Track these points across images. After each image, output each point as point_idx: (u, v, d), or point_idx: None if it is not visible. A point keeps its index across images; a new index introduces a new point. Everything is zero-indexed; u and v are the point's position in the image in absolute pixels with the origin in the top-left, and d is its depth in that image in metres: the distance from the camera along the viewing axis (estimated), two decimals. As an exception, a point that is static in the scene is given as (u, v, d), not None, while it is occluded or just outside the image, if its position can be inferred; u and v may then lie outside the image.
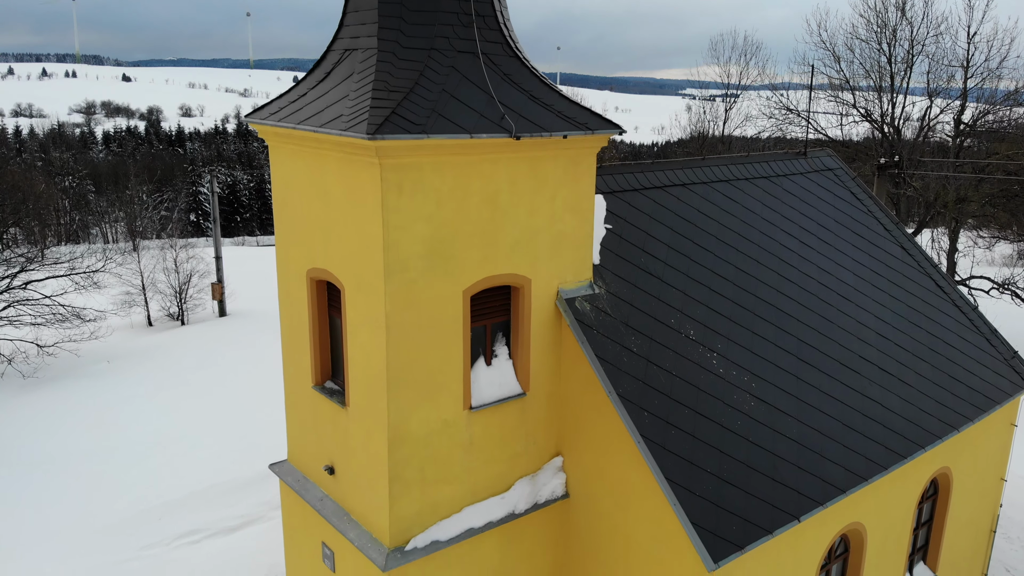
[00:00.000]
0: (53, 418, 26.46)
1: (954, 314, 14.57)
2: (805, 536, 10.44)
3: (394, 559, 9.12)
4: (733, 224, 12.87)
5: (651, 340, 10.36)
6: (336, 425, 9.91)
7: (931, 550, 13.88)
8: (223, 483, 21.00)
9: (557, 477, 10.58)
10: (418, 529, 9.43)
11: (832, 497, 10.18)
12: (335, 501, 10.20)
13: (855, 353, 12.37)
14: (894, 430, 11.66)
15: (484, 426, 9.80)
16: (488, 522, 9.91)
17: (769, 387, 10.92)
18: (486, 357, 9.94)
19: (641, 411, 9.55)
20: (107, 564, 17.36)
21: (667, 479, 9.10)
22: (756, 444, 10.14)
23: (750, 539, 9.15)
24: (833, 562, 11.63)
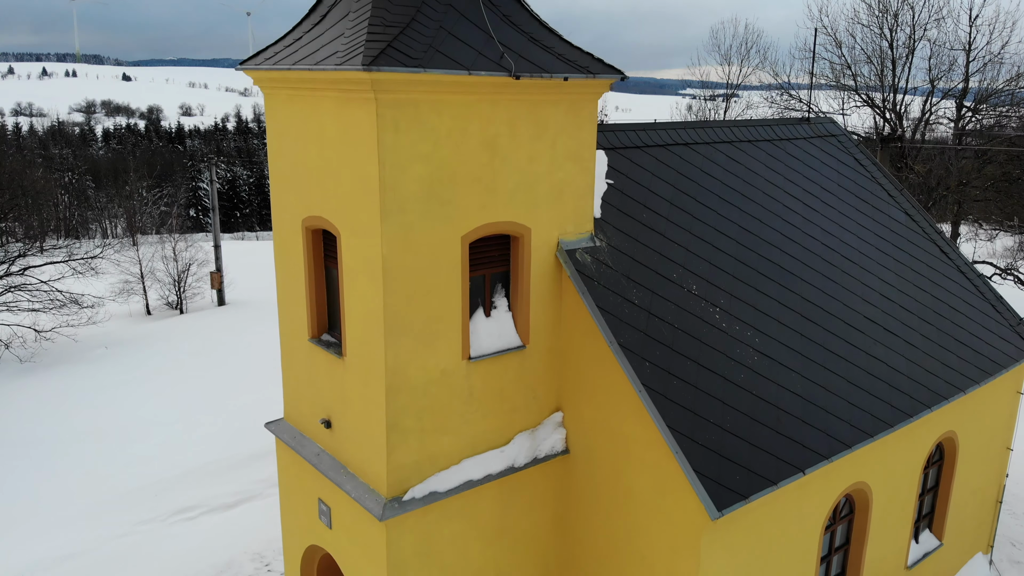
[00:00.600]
0: (50, 401, 26.31)
1: (959, 280, 14.40)
2: (810, 492, 10.27)
3: (391, 509, 8.95)
4: (736, 184, 12.70)
5: (653, 293, 10.19)
6: (333, 377, 9.73)
7: (937, 517, 13.71)
8: (220, 460, 20.84)
9: (557, 432, 10.41)
10: (416, 480, 9.26)
11: (837, 452, 10.01)
12: (332, 456, 10.02)
13: (859, 313, 12.19)
14: (900, 389, 11.49)
15: (483, 377, 9.62)
16: (487, 474, 9.74)
17: (773, 343, 10.75)
18: (485, 308, 9.77)
19: (642, 361, 9.38)
20: (101, 539, 17.19)
21: (669, 427, 8.93)
22: (760, 397, 9.97)
23: (754, 489, 8.98)
24: (838, 523, 11.45)
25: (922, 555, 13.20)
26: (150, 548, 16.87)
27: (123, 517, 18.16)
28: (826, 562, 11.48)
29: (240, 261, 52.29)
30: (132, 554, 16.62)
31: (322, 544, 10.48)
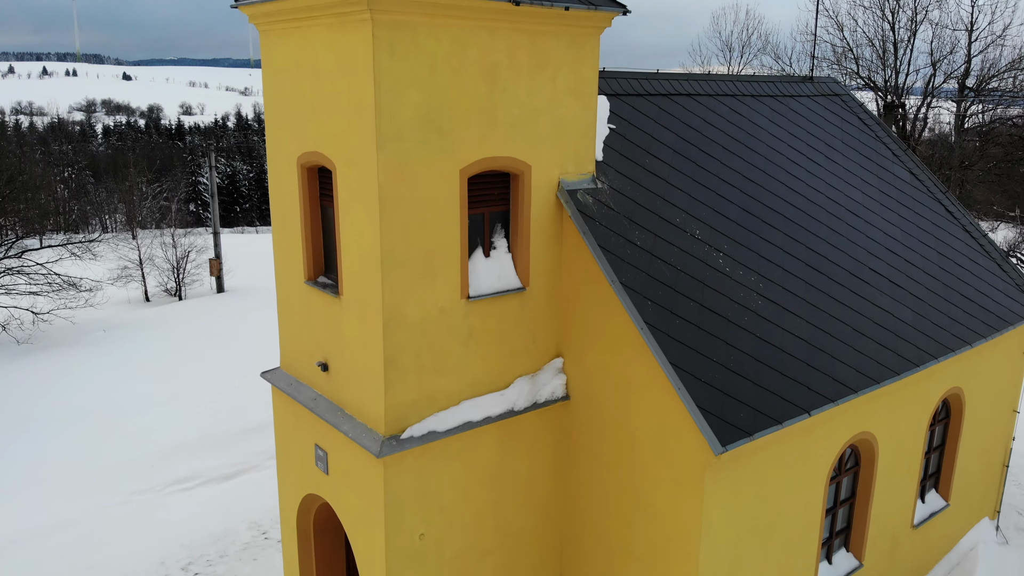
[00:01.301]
0: (47, 380, 26.15)
1: (964, 238, 14.22)
2: (815, 439, 10.08)
3: (389, 447, 8.77)
4: (739, 136, 12.52)
5: (655, 236, 10.01)
6: (329, 318, 9.56)
7: (943, 478, 13.52)
8: (217, 433, 20.68)
9: (557, 378, 10.22)
10: (414, 419, 9.07)
11: (843, 396, 9.83)
12: (329, 399, 9.84)
13: (865, 265, 12.01)
14: (906, 339, 11.31)
15: (482, 318, 9.44)
16: (486, 417, 9.55)
17: (777, 289, 10.57)
18: (484, 248, 9.59)
19: (645, 300, 9.20)
20: (97, 508, 17.03)
21: (672, 364, 8.75)
22: (764, 340, 9.79)
23: (758, 427, 8.80)
24: (844, 475, 11.27)
25: (928, 514, 13.02)
26: (146, 517, 16.70)
27: (118, 487, 17.99)
28: (831, 515, 11.30)
29: (239, 252, 52.11)
30: (127, 522, 16.45)
31: (319, 492, 10.30)
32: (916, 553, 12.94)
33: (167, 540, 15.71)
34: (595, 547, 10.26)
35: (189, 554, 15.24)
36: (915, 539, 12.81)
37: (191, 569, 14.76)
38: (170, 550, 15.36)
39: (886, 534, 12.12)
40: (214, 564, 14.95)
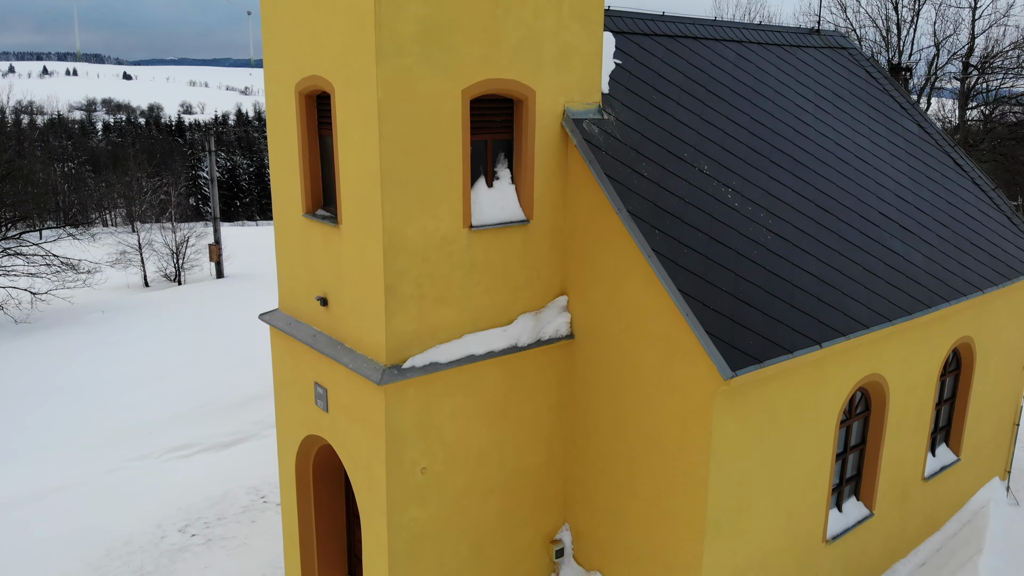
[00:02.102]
0: (46, 356, 25.95)
1: (973, 191, 13.99)
2: (826, 375, 9.85)
3: (390, 375, 8.54)
4: (746, 80, 12.29)
5: (663, 168, 9.78)
6: (328, 250, 9.33)
7: (954, 432, 13.29)
8: (216, 403, 20.46)
9: (561, 316, 9.99)
10: (416, 349, 8.84)
11: (854, 331, 9.59)
12: (328, 335, 9.61)
13: (874, 209, 11.79)
14: (917, 281, 11.08)
15: (485, 250, 9.21)
16: (489, 351, 9.32)
17: (787, 226, 10.34)
18: (487, 178, 9.36)
19: (652, 229, 8.97)
20: (93, 473, 16.81)
21: (680, 291, 8.52)
22: (774, 273, 9.56)
23: (768, 355, 8.57)
24: (854, 418, 11.04)
25: (939, 468, 12.79)
26: (142, 482, 16.47)
27: (115, 453, 17.77)
28: (842, 460, 11.07)
29: (239, 243, 51.94)
30: (124, 487, 16.22)
31: (318, 431, 10.07)
32: (927, 507, 12.71)
33: (164, 504, 15.47)
34: (600, 486, 10.03)
35: (186, 517, 15.01)
36: (926, 492, 12.58)
37: (188, 531, 14.53)
38: (167, 513, 15.12)
39: (897, 485, 11.89)
40: (212, 526, 14.72)
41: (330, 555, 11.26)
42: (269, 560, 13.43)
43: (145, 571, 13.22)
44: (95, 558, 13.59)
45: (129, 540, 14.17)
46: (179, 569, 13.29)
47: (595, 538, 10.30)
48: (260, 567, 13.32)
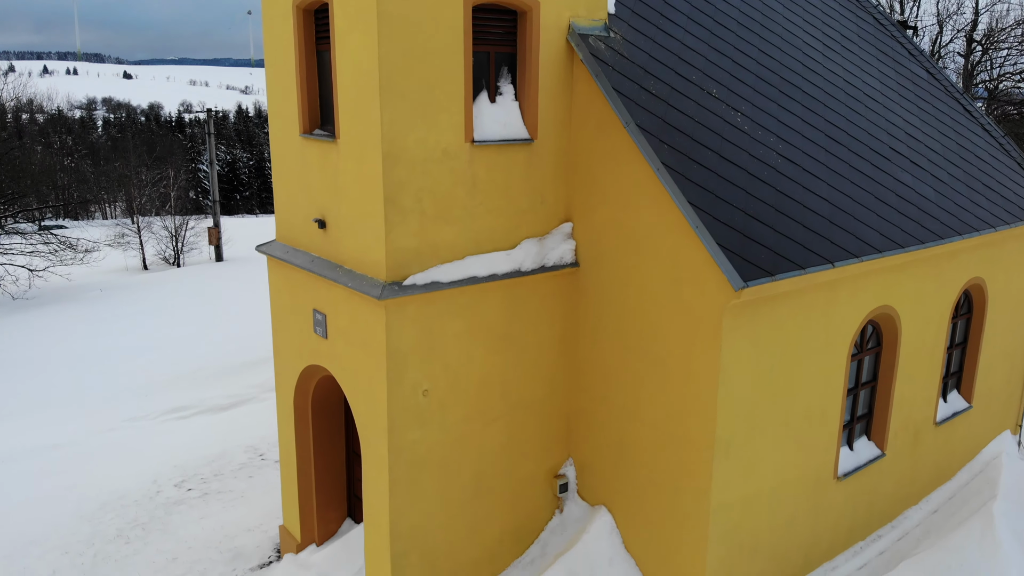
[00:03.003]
0: (44, 330, 25.77)
1: (983, 136, 13.75)
2: (837, 302, 9.60)
3: (391, 291, 8.28)
4: (755, 16, 12.04)
5: (670, 88, 9.53)
6: (325, 168, 9.08)
7: (965, 378, 13.03)
8: (215, 367, 20.24)
9: (566, 243, 9.74)
10: (417, 268, 8.59)
11: (867, 254, 9.34)
12: (327, 259, 9.36)
13: (885, 144, 11.54)
14: (929, 214, 10.84)
15: (487, 168, 8.96)
16: (492, 274, 9.07)
17: (797, 152, 10.09)
18: (490, 93, 9.11)
19: (661, 143, 8.72)
20: (90, 432, 16.58)
21: (690, 204, 8.27)
22: (785, 194, 9.31)
23: (780, 269, 8.32)
24: (865, 352, 10.78)
25: (951, 413, 12.53)
26: (139, 441, 16.22)
27: (111, 414, 17.55)
28: (853, 396, 10.81)
29: (239, 232, 51.73)
30: (119, 446, 15.98)
31: (317, 360, 9.82)
32: (939, 453, 12.45)
33: (160, 462, 15.21)
34: (605, 417, 9.77)
35: (182, 473, 14.74)
36: (938, 438, 12.32)
37: (184, 486, 14.26)
38: (162, 470, 14.85)
39: (909, 427, 11.63)
40: (208, 481, 14.45)
41: (329, 494, 11.01)
42: (266, 511, 13.18)
43: (139, 523, 12.97)
44: (89, 511, 13.33)
45: (124, 495, 13.91)
46: (174, 521, 13.04)
47: (599, 472, 10.04)
48: (257, 517, 13.06)
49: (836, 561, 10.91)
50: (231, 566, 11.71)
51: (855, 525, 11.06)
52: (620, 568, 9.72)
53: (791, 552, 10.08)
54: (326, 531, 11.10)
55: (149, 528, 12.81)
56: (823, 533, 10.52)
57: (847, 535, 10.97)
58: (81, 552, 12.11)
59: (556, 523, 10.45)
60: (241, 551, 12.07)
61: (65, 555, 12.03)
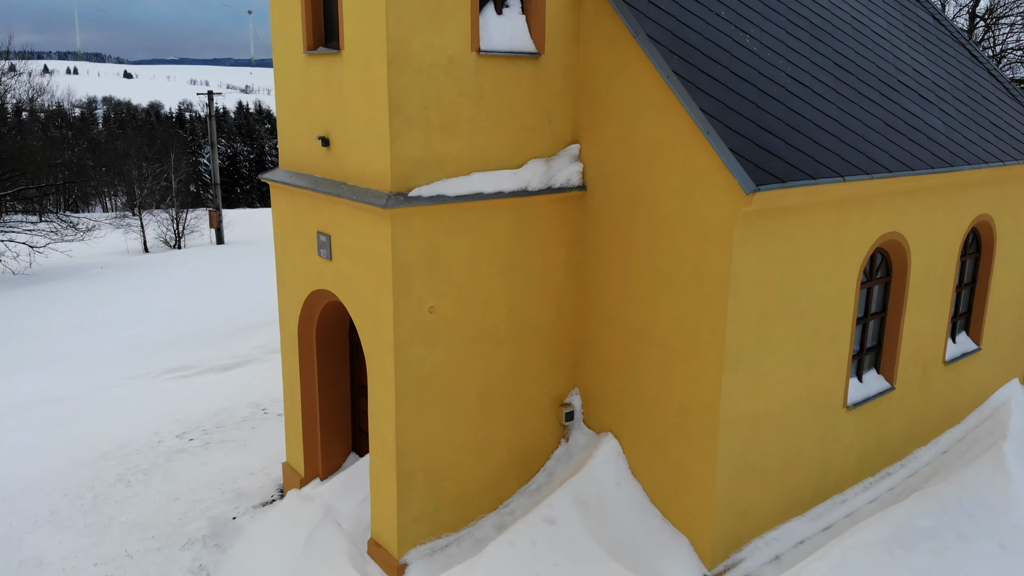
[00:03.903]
0: (45, 302, 25.71)
1: (991, 80, 13.65)
2: (848, 221, 9.50)
3: (396, 200, 8.18)
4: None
5: (678, 5, 9.43)
6: (330, 82, 8.98)
7: (974, 320, 12.92)
8: (216, 328, 20.13)
9: (573, 165, 9.64)
10: (422, 180, 8.48)
11: (877, 172, 9.24)
12: (331, 179, 9.26)
13: (893, 77, 11.44)
14: (938, 142, 10.74)
15: (494, 81, 8.86)
16: (498, 191, 8.97)
17: (806, 75, 9.99)
18: (496, 5, 9.01)
19: (671, 53, 8.62)
20: (89, 388, 16.49)
21: (702, 111, 8.16)
22: (795, 111, 9.21)
23: (792, 178, 8.22)
24: (875, 282, 10.67)
25: (960, 353, 12.43)
26: (139, 397, 16.11)
27: (112, 372, 17.45)
28: (863, 326, 10.70)
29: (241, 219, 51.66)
30: (121, 401, 15.87)
31: (321, 285, 9.71)
32: (948, 394, 12.34)
33: (162, 415, 15.09)
34: (612, 339, 9.65)
35: (184, 426, 14.62)
36: (947, 377, 12.21)
37: (186, 436, 14.15)
38: (164, 423, 14.73)
39: (918, 363, 11.52)
40: (210, 432, 14.33)
41: (334, 427, 10.91)
42: (269, 457, 13.07)
43: (141, 468, 12.86)
44: (89, 459, 13.21)
45: (125, 444, 13.80)
46: (175, 466, 12.92)
47: (606, 400, 9.93)
48: (260, 462, 12.95)
49: (846, 494, 10.80)
50: (233, 504, 11.60)
51: (864, 459, 10.95)
52: (627, 492, 9.61)
53: (801, 480, 9.98)
54: (330, 465, 11.00)
55: (150, 473, 12.70)
56: (832, 464, 10.41)
57: (856, 469, 10.86)
58: (81, 495, 12.00)
59: (562, 452, 10.35)
60: (243, 491, 11.97)
61: (64, 497, 11.93)
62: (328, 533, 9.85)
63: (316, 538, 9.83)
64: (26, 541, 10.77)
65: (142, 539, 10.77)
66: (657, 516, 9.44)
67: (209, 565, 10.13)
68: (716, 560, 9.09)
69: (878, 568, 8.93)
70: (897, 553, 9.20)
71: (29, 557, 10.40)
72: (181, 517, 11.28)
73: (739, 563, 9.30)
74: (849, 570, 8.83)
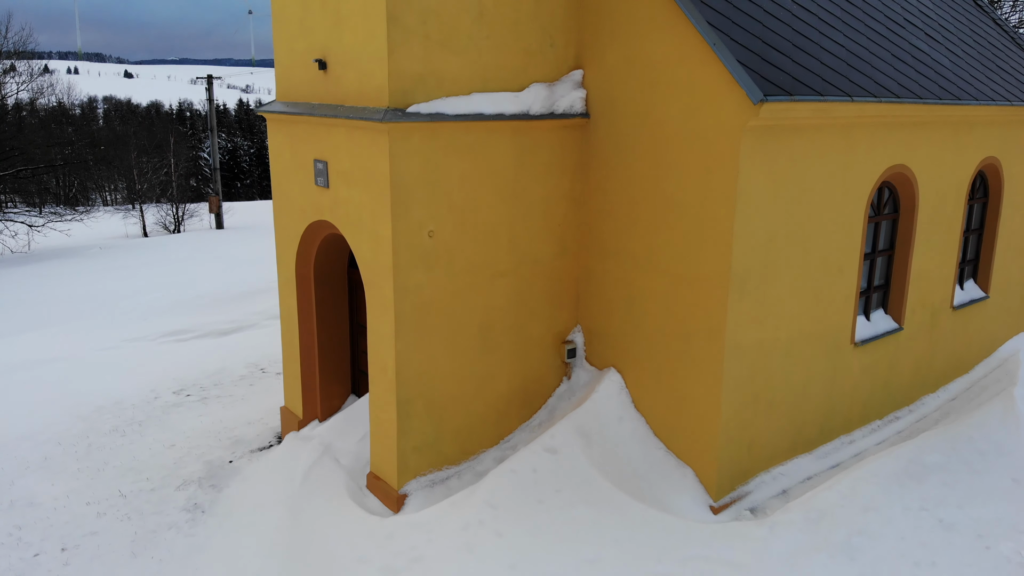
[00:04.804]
0: (45, 277, 25.55)
1: (996, 30, 13.49)
2: (856, 147, 9.32)
3: (393, 115, 7.99)
4: None
5: (681, -71, 9.24)
6: (327, 4, 8.80)
7: (982, 268, 12.73)
8: (215, 294, 19.94)
9: (576, 91, 9.45)
10: (421, 97, 8.30)
11: (885, 96, 9.05)
12: (328, 103, 9.08)
13: (899, 14, 11.27)
14: (945, 77, 10.57)
15: (495, 1, 8.69)
16: (499, 112, 8.78)
17: (813, 4, 9.81)
18: (496, -74, 8.83)
19: (673, -29, 8.43)
20: (86, 349, 16.29)
21: (709, 24, 7.98)
22: (802, 34, 9.04)
23: (799, 92, 8.03)
24: (883, 217, 10.49)
25: (968, 300, 12.24)
26: (136, 359, 15.90)
27: (109, 334, 17.25)
28: (870, 261, 10.52)
29: (241, 208, 51.51)
30: (116, 362, 15.65)
31: (318, 215, 9.52)
32: (956, 340, 12.14)
33: (159, 374, 14.90)
34: (615, 274, 9.46)
35: (181, 384, 14.44)
36: (955, 323, 12.02)
37: (183, 393, 13.96)
38: (161, 381, 14.54)
39: (926, 306, 11.33)
40: (207, 389, 14.15)
41: (333, 367, 10.72)
42: (267, 409, 12.89)
43: (136, 420, 12.67)
44: (85, 412, 13.03)
45: (120, 400, 13.61)
46: (172, 419, 12.74)
47: (608, 335, 9.75)
48: (258, 413, 12.77)
49: (854, 435, 10.61)
50: (230, 450, 11.42)
51: (872, 401, 10.77)
52: (630, 425, 9.42)
53: (808, 416, 9.79)
54: (330, 407, 10.81)
55: (146, 424, 12.52)
56: (840, 403, 10.22)
57: (864, 410, 10.67)
58: (75, 444, 11.82)
59: (564, 389, 10.16)
60: (241, 438, 11.79)
61: (58, 446, 11.74)
62: (326, 469, 9.66)
63: (314, 474, 9.64)
64: (17, 484, 10.59)
65: (136, 481, 10.59)
66: (661, 448, 9.25)
67: (204, 503, 9.95)
68: (722, 492, 8.90)
69: (888, 498, 8.74)
70: (908, 484, 9.01)
71: (20, 498, 10.22)
72: (176, 461, 11.11)
73: (745, 496, 9.12)
74: (859, 499, 8.65)
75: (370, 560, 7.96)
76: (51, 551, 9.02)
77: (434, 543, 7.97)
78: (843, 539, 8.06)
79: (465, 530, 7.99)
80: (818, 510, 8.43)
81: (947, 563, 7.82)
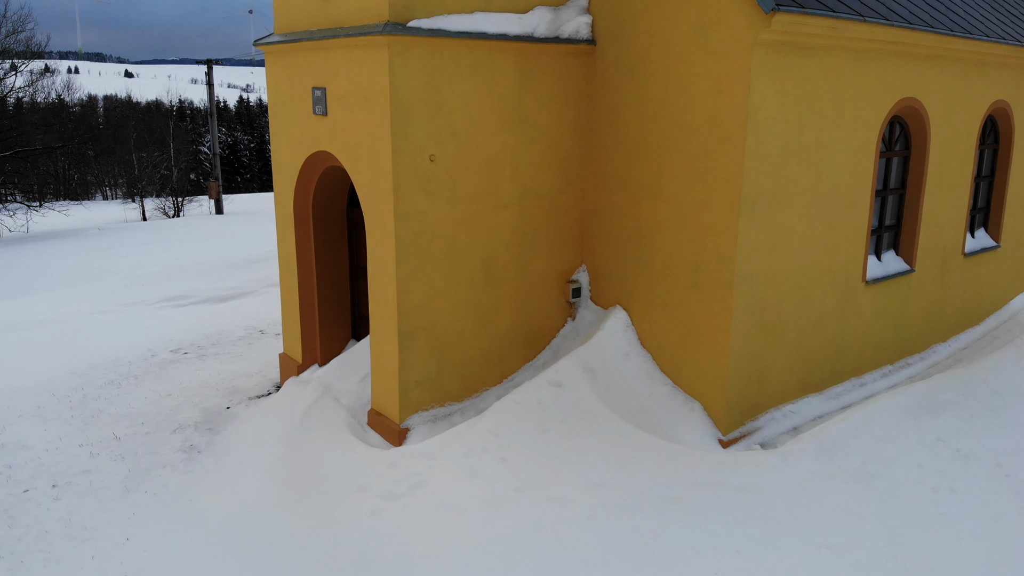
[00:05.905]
0: (43, 255, 25.32)
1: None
2: (867, 75, 9.09)
3: (393, 27, 7.76)
4: None
5: None
6: (326, -77, 8.58)
7: (992, 216, 12.50)
8: (213, 262, 19.71)
9: (582, 17, 9.21)
10: (422, 13, 8.06)
11: (895, 21, 8.81)
12: (327, 28, 8.85)
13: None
14: (957, 12, 10.34)
15: (497, -80, 8.46)
16: (502, 32, 8.54)
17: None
18: None
19: None
20: (82, 312, 16.05)
21: (713, -64, 7.75)
22: (811, -45, 8.79)
23: (811, 6, 7.79)
24: (894, 153, 10.25)
25: (979, 248, 12.01)
26: (133, 322, 15.65)
27: (106, 298, 17.02)
28: (882, 198, 10.28)
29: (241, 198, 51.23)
30: (113, 325, 15.41)
31: (316, 145, 9.28)
32: (967, 288, 11.90)
33: (156, 336, 14.66)
34: (622, 207, 9.22)
35: (179, 344, 14.20)
36: (966, 271, 11.78)
37: (180, 351, 13.72)
38: (159, 341, 14.30)
39: (937, 250, 11.10)
40: (205, 348, 13.91)
41: (332, 310, 10.48)
42: (264, 363, 12.67)
43: (132, 375, 12.44)
44: (80, 369, 12.79)
45: (116, 358, 13.37)
46: (169, 373, 12.50)
47: (614, 273, 9.51)
48: (256, 367, 12.55)
49: (864, 378, 10.38)
50: (227, 399, 11.18)
51: (883, 345, 10.53)
52: (635, 362, 9.19)
53: (818, 354, 9.55)
54: (329, 352, 10.58)
55: (142, 379, 12.28)
56: (851, 343, 9.98)
57: (875, 353, 10.43)
58: (69, 395, 11.59)
59: (568, 330, 9.93)
60: (239, 389, 11.56)
61: (52, 397, 11.50)
62: (326, 407, 9.43)
63: (313, 413, 9.40)
64: (8, 430, 10.35)
65: (131, 426, 10.36)
66: (668, 384, 9.02)
67: (200, 444, 9.71)
68: (731, 426, 8.66)
69: (903, 430, 8.50)
70: (923, 418, 8.77)
71: (11, 441, 9.98)
72: (173, 409, 10.87)
73: (755, 431, 8.88)
74: (873, 430, 8.41)
75: (371, 487, 7.72)
76: (42, 487, 8.78)
77: (436, 470, 7.73)
78: (858, 466, 7.82)
79: (468, 457, 7.75)
80: (831, 440, 8.20)
81: (967, 488, 7.58)
